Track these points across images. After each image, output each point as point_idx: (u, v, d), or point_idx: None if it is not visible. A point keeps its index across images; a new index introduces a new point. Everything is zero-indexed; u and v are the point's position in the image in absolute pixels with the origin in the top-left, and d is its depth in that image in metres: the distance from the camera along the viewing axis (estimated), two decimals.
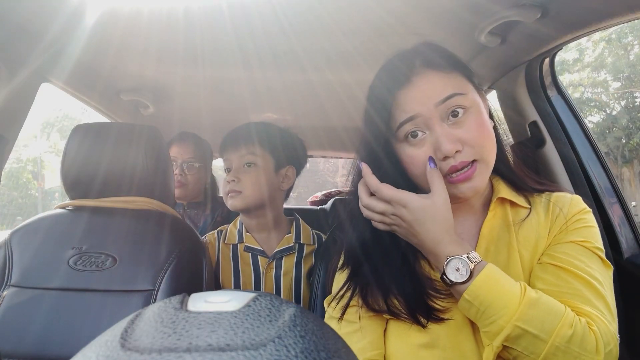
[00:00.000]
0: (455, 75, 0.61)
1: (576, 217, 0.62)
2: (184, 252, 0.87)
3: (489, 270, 0.55)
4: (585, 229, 0.61)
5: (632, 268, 0.90)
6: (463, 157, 0.58)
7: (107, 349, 0.19)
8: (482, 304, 0.53)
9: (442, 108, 0.59)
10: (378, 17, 0.89)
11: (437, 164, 0.59)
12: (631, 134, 10.01)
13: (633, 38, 9.79)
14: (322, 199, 2.63)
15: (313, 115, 1.67)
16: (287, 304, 0.23)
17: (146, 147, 0.91)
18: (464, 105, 0.59)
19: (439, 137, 0.58)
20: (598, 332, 0.51)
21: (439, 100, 0.59)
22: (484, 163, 0.59)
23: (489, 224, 0.64)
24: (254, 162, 1.05)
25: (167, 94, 1.42)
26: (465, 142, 0.58)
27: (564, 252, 0.59)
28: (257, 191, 1.04)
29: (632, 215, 1.00)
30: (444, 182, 0.59)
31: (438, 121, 0.59)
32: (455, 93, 0.59)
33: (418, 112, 0.59)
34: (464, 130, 0.59)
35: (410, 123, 0.60)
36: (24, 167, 14.36)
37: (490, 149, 0.60)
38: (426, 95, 0.59)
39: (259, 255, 1.08)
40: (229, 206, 1.06)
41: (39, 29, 0.92)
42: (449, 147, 0.57)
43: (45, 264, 0.83)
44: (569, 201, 0.64)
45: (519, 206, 0.64)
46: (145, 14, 0.89)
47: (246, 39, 1.01)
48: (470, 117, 0.59)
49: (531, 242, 0.62)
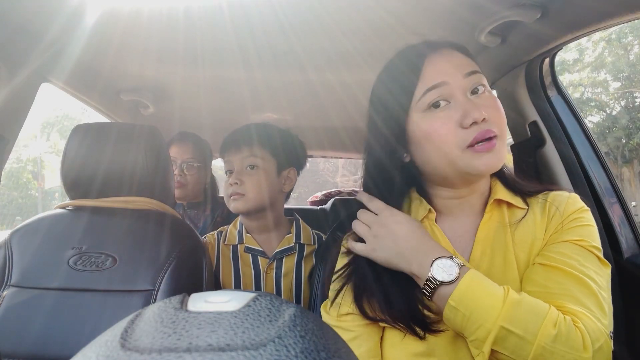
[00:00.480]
0: (472, 59, 0.64)
1: (573, 216, 0.61)
2: (184, 252, 0.87)
3: (473, 273, 0.54)
4: (581, 228, 0.60)
5: (632, 268, 0.90)
6: (489, 126, 0.58)
7: (107, 349, 0.19)
8: (468, 308, 0.52)
9: (468, 81, 0.60)
10: (378, 17, 0.89)
11: (461, 133, 0.58)
12: (631, 134, 10.00)
13: (633, 38, 9.79)
14: (322, 199, 2.64)
15: (313, 115, 1.67)
16: (287, 304, 0.23)
17: (146, 147, 0.91)
18: (484, 84, 0.62)
19: (467, 104, 0.59)
20: (584, 329, 0.50)
21: (467, 72, 0.60)
22: (503, 142, 0.60)
23: (485, 227, 0.64)
24: (257, 164, 1.04)
25: (167, 94, 1.42)
26: (488, 116, 0.58)
27: (558, 251, 0.58)
28: (260, 194, 1.03)
29: (632, 215, 1.00)
30: (467, 155, 0.58)
31: (463, 92, 0.60)
32: (478, 71, 0.62)
33: (446, 80, 0.60)
34: (487, 105, 0.60)
35: (436, 90, 0.60)
36: (24, 167, 14.36)
37: (505, 130, 0.61)
38: (455, 66, 0.61)
39: (259, 256, 1.07)
40: (232, 209, 1.05)
41: (39, 29, 0.92)
42: (479, 112, 0.57)
43: (45, 264, 0.83)
44: (566, 200, 0.63)
45: (516, 207, 0.64)
46: (145, 14, 0.89)
47: (246, 39, 1.01)
48: (489, 96, 0.61)
49: (527, 243, 0.61)
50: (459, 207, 0.66)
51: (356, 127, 1.80)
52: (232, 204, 1.04)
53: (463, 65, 0.61)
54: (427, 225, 0.66)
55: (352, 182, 12.59)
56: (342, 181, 13.48)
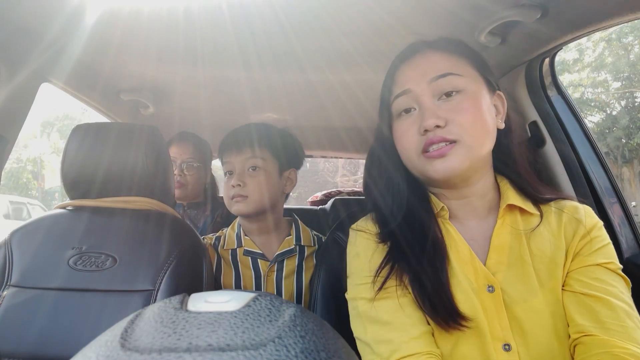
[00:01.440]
0: (458, 58, 0.63)
1: (594, 234, 0.61)
2: (184, 252, 0.87)
3: None
4: (605, 248, 0.60)
5: (632, 268, 0.90)
6: (443, 133, 0.58)
7: (107, 349, 0.19)
8: None
9: (435, 85, 0.60)
10: (378, 17, 0.89)
11: (419, 139, 0.60)
12: (631, 134, 10.00)
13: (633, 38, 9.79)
14: (322, 199, 2.64)
15: (313, 115, 1.67)
16: (287, 304, 0.23)
17: (146, 147, 0.91)
18: (458, 86, 0.60)
19: (424, 111, 0.60)
20: None
21: (432, 77, 0.60)
22: (465, 146, 0.58)
23: (499, 234, 0.63)
24: (259, 165, 1.02)
25: (167, 94, 1.42)
26: (450, 121, 0.59)
27: (595, 277, 0.58)
28: (263, 195, 1.01)
29: (632, 215, 1.00)
30: (422, 161, 0.60)
31: (429, 98, 0.61)
32: (451, 73, 0.60)
33: (410, 88, 0.62)
34: (451, 108, 0.59)
35: (403, 97, 0.63)
36: (24, 167, 14.36)
37: (477, 135, 0.59)
38: (422, 72, 0.62)
39: (259, 259, 1.06)
40: (234, 212, 1.03)
41: (39, 29, 0.92)
42: (431, 121, 0.58)
43: (45, 264, 0.83)
44: (583, 213, 0.63)
45: (528, 213, 0.63)
46: (145, 14, 0.89)
47: (246, 39, 1.01)
48: (462, 99, 0.60)
49: (546, 255, 0.61)
50: (462, 208, 0.66)
51: (356, 127, 1.80)
52: (234, 207, 1.02)
53: (433, 69, 0.61)
54: (441, 223, 0.66)
55: (352, 182, 12.60)
56: (342, 181, 13.47)
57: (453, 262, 0.63)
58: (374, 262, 0.65)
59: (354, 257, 0.69)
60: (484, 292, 0.60)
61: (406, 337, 0.57)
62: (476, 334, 0.59)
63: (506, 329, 0.59)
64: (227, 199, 1.04)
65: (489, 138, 0.61)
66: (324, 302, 0.84)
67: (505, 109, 0.66)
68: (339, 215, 2.03)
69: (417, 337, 0.58)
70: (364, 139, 1.89)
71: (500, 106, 0.66)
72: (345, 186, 10.78)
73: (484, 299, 0.60)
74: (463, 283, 0.61)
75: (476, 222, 0.66)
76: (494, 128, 0.62)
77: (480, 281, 0.61)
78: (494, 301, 0.60)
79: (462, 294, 0.60)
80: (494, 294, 0.60)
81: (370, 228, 0.69)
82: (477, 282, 0.61)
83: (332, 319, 0.81)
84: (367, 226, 0.70)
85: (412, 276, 0.61)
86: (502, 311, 0.59)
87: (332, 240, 0.88)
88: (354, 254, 0.69)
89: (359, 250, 0.68)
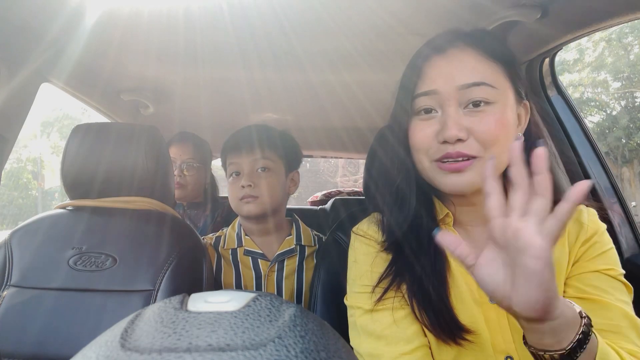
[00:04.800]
0: (493, 64, 0.57)
1: (596, 239, 0.59)
2: (184, 252, 0.87)
3: None
4: (606, 254, 0.58)
5: (632, 268, 0.90)
6: (463, 148, 0.54)
7: (107, 349, 0.19)
8: None
9: (465, 93, 0.55)
10: (378, 18, 0.90)
11: (435, 145, 0.56)
12: (631, 134, 10.01)
13: (633, 38, 9.79)
14: (322, 199, 2.64)
15: (313, 115, 1.68)
16: (287, 304, 0.23)
17: (146, 147, 0.91)
18: (488, 98, 0.55)
19: (447, 119, 0.55)
20: None
21: (465, 83, 0.55)
22: (483, 163, 0.55)
23: None
24: (268, 166, 1.02)
25: (167, 94, 1.42)
26: (473, 133, 0.54)
27: (590, 284, 0.56)
28: (272, 196, 1.01)
29: (632, 215, 1.00)
30: (433, 168, 0.56)
31: (455, 105, 0.55)
32: (485, 83, 0.54)
33: (438, 89, 0.56)
34: (478, 121, 0.54)
35: (427, 97, 0.57)
36: (24, 167, 14.38)
37: (498, 152, 0.55)
38: (453, 74, 0.55)
39: (259, 259, 1.06)
40: (245, 213, 1.02)
41: (39, 29, 0.92)
42: (452, 132, 0.53)
43: (45, 264, 0.83)
44: (587, 217, 0.61)
45: None
46: (145, 14, 0.89)
47: (246, 39, 1.01)
48: (490, 112, 0.55)
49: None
50: (468, 215, 0.63)
51: (356, 127, 1.81)
52: (245, 207, 1.01)
53: (465, 75, 0.55)
54: (445, 230, 0.63)
55: (352, 182, 12.60)
56: (342, 181, 13.47)
57: (455, 271, 0.61)
58: (373, 271, 0.63)
59: (353, 263, 0.68)
60: (486, 303, 0.59)
61: (396, 353, 0.57)
62: (478, 346, 0.57)
63: (509, 341, 0.57)
64: (235, 200, 1.02)
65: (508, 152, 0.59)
66: (324, 302, 0.84)
67: (527, 121, 0.62)
68: (339, 215, 2.03)
69: (408, 352, 0.57)
70: (364, 139, 1.89)
71: (523, 116, 0.62)
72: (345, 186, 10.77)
73: (487, 310, 0.59)
74: (465, 294, 0.59)
75: (481, 228, 0.63)
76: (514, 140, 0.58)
77: (482, 291, 0.58)
78: (497, 312, 0.58)
79: (463, 305, 0.59)
80: (496, 305, 0.58)
81: (371, 234, 0.67)
82: (479, 292, 0.59)
83: (332, 319, 0.81)
84: (368, 231, 0.68)
85: (413, 287, 0.59)
86: (505, 322, 0.58)
87: (332, 240, 0.88)
88: (353, 259, 0.68)
89: (357, 257, 0.67)
